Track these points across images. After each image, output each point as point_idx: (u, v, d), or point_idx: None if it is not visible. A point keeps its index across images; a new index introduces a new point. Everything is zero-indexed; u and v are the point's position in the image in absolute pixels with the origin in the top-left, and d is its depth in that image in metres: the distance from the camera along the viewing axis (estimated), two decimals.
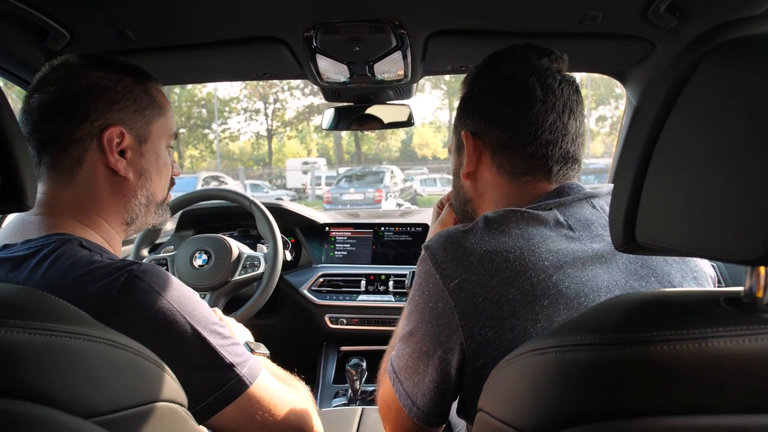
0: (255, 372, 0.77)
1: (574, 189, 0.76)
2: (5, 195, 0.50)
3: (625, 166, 0.47)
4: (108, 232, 0.83)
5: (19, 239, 0.75)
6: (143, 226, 0.90)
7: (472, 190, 0.86)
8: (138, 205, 0.86)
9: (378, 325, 1.75)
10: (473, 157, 0.82)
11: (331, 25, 1.13)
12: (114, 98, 0.80)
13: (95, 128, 0.78)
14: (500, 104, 0.78)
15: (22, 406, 0.41)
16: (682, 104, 0.43)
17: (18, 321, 0.43)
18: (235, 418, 0.74)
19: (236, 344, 0.77)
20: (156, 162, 0.87)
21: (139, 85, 0.84)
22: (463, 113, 0.84)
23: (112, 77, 0.81)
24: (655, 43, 1.21)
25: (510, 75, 0.78)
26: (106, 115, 0.79)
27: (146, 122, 0.84)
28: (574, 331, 0.46)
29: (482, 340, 0.65)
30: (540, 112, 0.76)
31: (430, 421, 0.74)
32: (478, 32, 1.19)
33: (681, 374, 0.40)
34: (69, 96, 0.77)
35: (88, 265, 0.69)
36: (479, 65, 0.84)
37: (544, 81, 0.77)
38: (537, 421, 0.46)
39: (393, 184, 15.48)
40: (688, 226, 0.41)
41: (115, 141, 0.79)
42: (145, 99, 0.84)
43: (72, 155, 0.78)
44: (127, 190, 0.83)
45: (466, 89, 0.85)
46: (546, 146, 0.77)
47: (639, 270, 0.70)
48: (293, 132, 31.12)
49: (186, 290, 0.74)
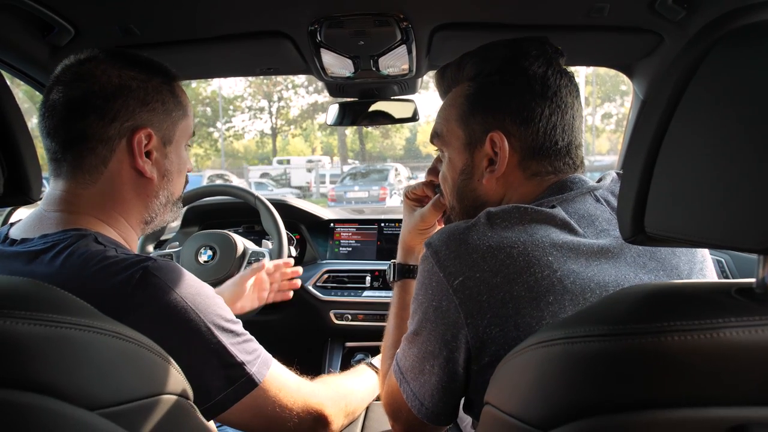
0: (265, 368, 0.77)
1: (577, 183, 0.75)
2: (10, 188, 0.50)
3: (634, 157, 0.47)
4: (126, 229, 0.83)
5: (36, 234, 0.75)
6: (160, 225, 0.90)
7: (490, 193, 0.79)
8: (158, 205, 0.86)
9: (383, 321, 1.74)
10: (505, 160, 0.76)
11: (336, 19, 1.12)
12: (144, 99, 0.79)
13: (125, 129, 0.77)
14: (536, 106, 0.74)
15: (28, 397, 0.41)
16: (692, 94, 0.42)
17: (23, 312, 0.43)
18: (245, 413, 0.75)
19: (248, 340, 0.77)
20: (177, 162, 0.87)
21: (166, 85, 0.83)
22: (482, 108, 0.77)
23: (143, 77, 0.80)
24: (663, 35, 1.19)
25: (543, 75, 0.75)
26: (136, 116, 0.78)
27: (172, 124, 0.84)
28: (583, 323, 0.45)
29: (487, 338, 0.64)
30: (571, 117, 0.76)
31: (439, 420, 0.74)
32: (483, 25, 1.18)
33: (692, 365, 0.40)
34: (100, 95, 0.76)
35: (103, 261, 0.69)
36: (499, 55, 0.77)
37: (569, 86, 0.76)
38: (544, 414, 0.45)
39: (397, 181, 15.46)
40: (699, 215, 0.41)
41: (143, 142, 0.79)
42: (172, 101, 0.83)
43: (99, 155, 0.77)
44: (150, 191, 0.83)
45: (481, 80, 0.78)
46: (577, 149, 0.78)
47: (647, 263, 0.69)
48: (297, 130, 31.13)
49: (200, 286, 0.74)
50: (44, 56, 1.18)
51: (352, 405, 0.96)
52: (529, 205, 0.69)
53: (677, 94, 0.43)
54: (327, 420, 0.86)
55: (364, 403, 1.03)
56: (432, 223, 1.00)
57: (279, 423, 0.79)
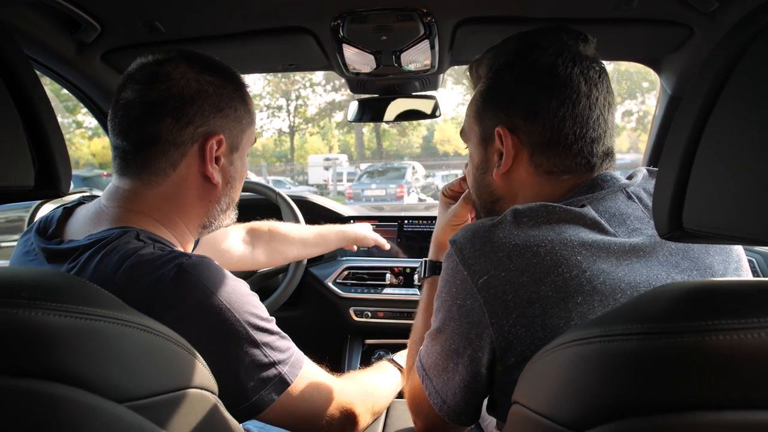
0: (298, 367, 0.77)
1: (608, 181, 0.72)
2: (41, 182, 0.50)
3: (671, 152, 0.45)
4: (183, 232, 0.83)
5: (90, 230, 0.75)
6: (217, 228, 0.89)
7: (503, 189, 0.80)
8: (219, 211, 0.86)
9: (403, 318, 1.74)
10: (511, 156, 0.76)
11: (359, 14, 1.12)
12: (219, 105, 0.79)
13: (198, 134, 0.77)
14: (542, 99, 0.72)
15: (56, 388, 0.42)
16: (733, 87, 0.41)
17: (53, 304, 0.44)
18: (280, 413, 0.74)
19: (282, 338, 0.77)
20: (241, 169, 0.87)
21: (239, 92, 0.83)
22: (493, 104, 0.77)
23: (219, 83, 0.80)
24: (694, 27, 1.16)
25: (551, 65, 0.72)
26: (210, 121, 0.78)
27: (241, 131, 0.84)
28: (620, 320, 0.44)
29: (513, 338, 0.63)
30: (585, 107, 0.72)
31: (461, 420, 0.73)
32: (507, 19, 1.16)
33: (737, 366, 0.38)
34: (179, 97, 0.76)
35: (137, 258, 0.68)
36: (509, 49, 0.77)
37: (586, 73, 0.72)
38: (578, 414, 0.44)
39: (414, 179, 15.44)
40: (740, 211, 0.39)
41: (214, 148, 0.79)
42: (243, 108, 0.84)
43: (170, 158, 0.77)
44: (213, 197, 0.83)
45: (492, 76, 0.78)
46: (591, 144, 0.73)
47: (680, 263, 0.67)
48: (315, 128, 31.29)
49: (236, 284, 0.73)
50: (71, 53, 1.20)
51: (379, 403, 0.96)
52: (557, 204, 0.67)
53: (717, 88, 0.42)
54: (356, 419, 0.86)
55: (388, 400, 1.03)
56: (464, 218, 1.00)
57: (311, 421, 0.78)
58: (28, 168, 0.47)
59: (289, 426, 0.78)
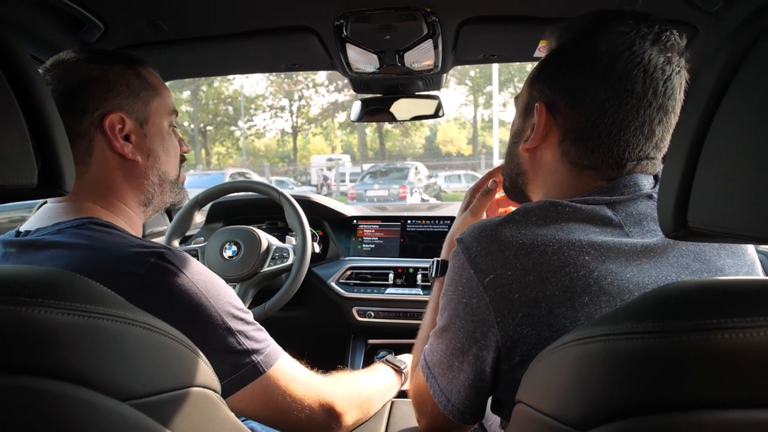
0: (273, 358, 0.79)
1: (632, 187, 0.68)
2: (44, 180, 0.50)
3: (676, 150, 0.45)
4: (128, 215, 0.86)
5: (48, 223, 0.78)
6: (161, 206, 0.93)
7: (528, 165, 0.78)
8: (152, 185, 0.88)
9: (406, 318, 1.74)
10: (540, 134, 0.73)
11: (362, 14, 1.12)
12: (108, 86, 0.82)
13: (96, 118, 0.80)
14: (590, 87, 0.67)
15: (60, 387, 0.41)
16: (738, 86, 0.41)
17: (56, 302, 0.43)
18: (255, 402, 0.77)
19: (258, 330, 0.79)
20: (161, 141, 0.89)
21: (129, 70, 0.85)
22: (543, 77, 0.73)
23: (102, 67, 0.82)
24: (698, 27, 1.16)
25: (614, 55, 0.66)
26: (103, 103, 0.81)
27: (143, 104, 0.86)
28: (625, 319, 0.44)
29: (518, 338, 0.62)
30: (631, 110, 0.66)
31: (465, 419, 0.72)
32: (510, 18, 1.16)
33: (744, 365, 0.38)
34: (66, 93, 0.79)
35: (118, 246, 0.71)
36: (581, 26, 0.70)
37: (650, 74, 0.66)
38: (583, 413, 0.44)
39: (417, 180, 15.43)
40: (746, 209, 0.39)
41: (117, 127, 0.82)
42: (138, 82, 0.85)
43: (81, 147, 0.80)
44: (138, 173, 0.86)
45: (555, 47, 0.73)
46: (624, 148, 0.68)
47: (691, 264, 0.66)
48: (318, 129, 31.34)
49: (211, 275, 0.76)
50: None
51: (367, 402, 0.97)
52: (567, 202, 0.67)
53: (721, 87, 0.41)
54: (339, 414, 0.87)
55: (379, 398, 1.04)
56: (481, 215, 0.99)
57: (291, 414, 0.80)
58: (31, 166, 0.47)
59: (266, 418, 0.81)
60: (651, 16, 0.69)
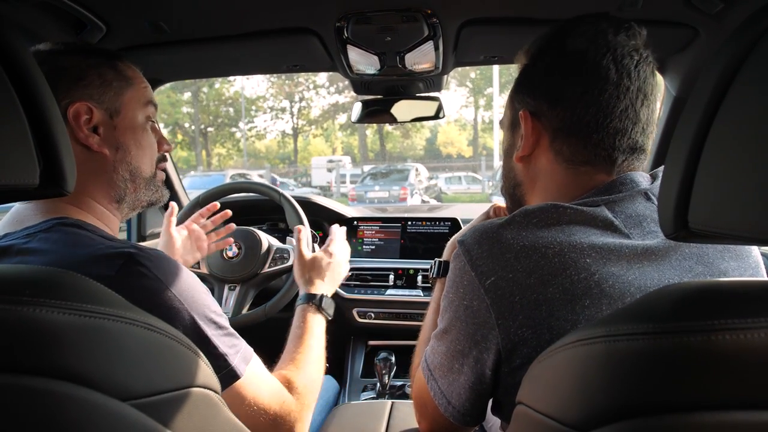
0: (244, 363, 0.77)
1: (628, 184, 0.70)
2: (45, 180, 0.50)
3: (676, 152, 0.45)
4: (101, 212, 0.82)
5: (18, 227, 0.75)
6: (137, 204, 0.88)
7: (523, 174, 0.79)
8: (122, 180, 0.84)
9: (406, 319, 1.74)
10: (530, 140, 0.75)
11: (363, 15, 1.12)
12: (79, 75, 0.78)
13: (62, 108, 0.76)
14: (567, 85, 0.70)
15: (61, 386, 0.41)
16: (739, 87, 0.41)
17: (56, 301, 0.43)
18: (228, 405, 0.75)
19: (231, 334, 0.77)
20: (133, 135, 0.84)
21: (106, 62, 0.82)
22: (522, 89, 0.77)
23: (77, 58, 0.79)
24: (699, 29, 1.16)
25: (581, 51, 0.70)
26: (71, 93, 0.77)
27: (115, 95, 0.82)
28: (626, 320, 0.44)
29: (519, 340, 0.62)
30: (611, 96, 0.69)
31: (466, 421, 0.72)
32: (511, 20, 1.17)
33: (744, 365, 0.38)
34: None
35: (87, 248, 0.68)
36: (546, 36, 0.75)
37: (620, 61, 0.68)
38: (583, 414, 0.44)
39: (418, 181, 15.43)
40: (747, 210, 0.39)
41: (84, 117, 0.78)
42: (112, 73, 0.82)
43: None
44: (106, 166, 0.82)
45: (526, 62, 0.77)
46: (614, 135, 0.70)
47: (694, 267, 0.66)
48: (318, 130, 31.34)
49: (186, 276, 0.73)
50: None
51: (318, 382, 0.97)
52: (569, 204, 0.67)
53: (722, 89, 0.41)
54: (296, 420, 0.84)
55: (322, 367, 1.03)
56: None
57: (254, 420, 0.77)
58: (33, 166, 0.47)
59: None
60: (611, 15, 0.72)
